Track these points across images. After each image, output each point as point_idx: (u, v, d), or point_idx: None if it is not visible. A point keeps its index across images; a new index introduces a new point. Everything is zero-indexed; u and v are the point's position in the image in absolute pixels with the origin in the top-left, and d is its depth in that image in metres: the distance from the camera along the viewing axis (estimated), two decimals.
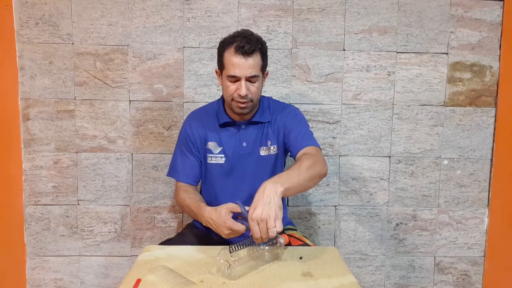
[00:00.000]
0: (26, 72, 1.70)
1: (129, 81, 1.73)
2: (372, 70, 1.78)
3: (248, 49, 1.21)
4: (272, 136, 1.37)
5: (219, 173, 1.37)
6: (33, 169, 1.74)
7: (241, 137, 1.36)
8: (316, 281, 0.97)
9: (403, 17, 1.76)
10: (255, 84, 1.27)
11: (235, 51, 1.21)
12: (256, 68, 1.24)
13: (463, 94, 1.82)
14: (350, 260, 1.86)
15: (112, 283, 1.81)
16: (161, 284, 0.94)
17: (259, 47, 1.25)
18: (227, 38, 1.27)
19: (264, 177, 1.36)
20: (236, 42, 1.23)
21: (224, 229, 1.12)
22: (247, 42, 1.22)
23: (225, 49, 1.25)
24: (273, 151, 1.38)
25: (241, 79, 1.23)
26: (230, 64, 1.23)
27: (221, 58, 1.27)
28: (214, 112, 1.39)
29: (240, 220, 1.12)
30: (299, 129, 1.35)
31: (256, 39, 1.25)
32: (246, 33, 1.26)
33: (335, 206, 1.84)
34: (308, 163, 1.16)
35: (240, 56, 1.21)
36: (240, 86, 1.24)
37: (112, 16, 1.70)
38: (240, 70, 1.22)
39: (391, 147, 1.82)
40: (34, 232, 1.77)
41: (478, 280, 1.91)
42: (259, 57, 1.25)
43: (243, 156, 1.35)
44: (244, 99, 1.25)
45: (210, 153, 1.37)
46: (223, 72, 1.27)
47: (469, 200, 1.87)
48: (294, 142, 1.33)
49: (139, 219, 1.80)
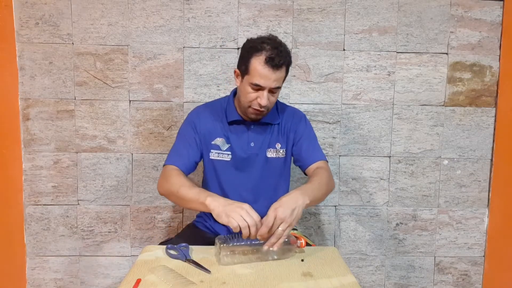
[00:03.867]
0: (26, 72, 1.70)
1: (129, 81, 1.73)
2: (372, 70, 1.78)
3: (278, 62, 1.18)
4: (282, 139, 1.37)
5: (225, 169, 1.35)
6: (33, 169, 1.74)
7: (249, 137, 1.35)
8: (316, 281, 0.97)
9: (403, 17, 1.76)
10: (276, 94, 1.27)
11: (265, 61, 1.18)
12: (281, 81, 1.24)
13: (463, 94, 1.82)
14: (350, 260, 1.87)
15: (112, 283, 1.81)
16: (161, 284, 0.94)
17: (287, 61, 1.23)
18: (255, 43, 1.22)
19: (270, 180, 1.37)
20: (265, 51, 1.19)
21: (240, 209, 1.04)
22: (277, 54, 1.19)
23: (253, 55, 1.21)
24: (282, 154, 1.37)
25: (264, 89, 1.22)
26: (257, 73, 1.20)
27: (246, 62, 1.22)
28: (223, 109, 1.37)
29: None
30: (309, 141, 1.38)
31: (286, 52, 1.23)
32: (276, 43, 1.22)
33: (335, 206, 1.84)
34: (326, 179, 1.25)
35: (269, 68, 1.19)
36: (262, 95, 1.23)
37: (112, 16, 1.70)
38: (266, 81, 1.20)
39: (391, 147, 1.82)
40: (34, 232, 1.77)
41: (478, 280, 1.91)
42: (285, 69, 1.24)
43: (250, 156, 1.34)
44: (263, 108, 1.25)
45: (217, 149, 1.34)
46: (246, 77, 1.24)
47: (469, 200, 1.87)
48: (305, 154, 1.36)
49: (139, 219, 1.80)
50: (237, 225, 1.02)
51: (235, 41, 1.73)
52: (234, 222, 1.02)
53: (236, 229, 1.02)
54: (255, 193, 1.35)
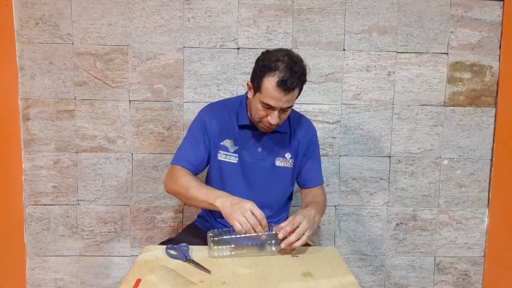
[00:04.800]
0: (26, 72, 1.70)
1: (129, 81, 1.73)
2: (372, 70, 1.78)
3: (291, 84, 1.15)
4: (291, 149, 1.37)
5: (231, 172, 1.34)
6: (33, 169, 1.74)
7: (257, 142, 1.34)
8: (316, 281, 0.97)
9: (403, 17, 1.76)
10: (287, 112, 1.25)
11: (277, 84, 1.15)
12: (293, 101, 1.22)
13: (463, 94, 1.82)
14: (350, 260, 1.87)
15: (112, 283, 1.81)
16: (161, 284, 0.94)
17: (301, 82, 1.20)
18: (270, 61, 1.17)
19: (277, 189, 1.37)
20: (279, 71, 1.15)
21: (243, 210, 1.07)
22: (291, 76, 1.15)
23: (266, 74, 1.17)
24: (290, 164, 1.37)
25: (276, 109, 1.21)
26: (268, 94, 1.17)
27: (259, 81, 1.19)
28: (235, 111, 1.35)
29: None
30: (314, 160, 1.42)
31: (301, 73, 1.18)
32: (291, 62, 1.17)
33: (335, 206, 1.84)
34: (324, 204, 1.36)
35: (281, 90, 1.15)
36: (272, 115, 1.21)
37: (112, 16, 1.70)
38: (277, 103, 1.18)
39: (391, 147, 1.82)
40: (34, 232, 1.77)
41: (478, 280, 1.91)
42: (298, 89, 1.21)
43: (257, 161, 1.33)
44: (272, 126, 1.25)
45: (225, 150, 1.33)
46: (258, 94, 1.21)
47: (469, 200, 1.87)
48: (308, 174, 1.41)
49: (139, 219, 1.80)
50: (241, 228, 1.06)
51: (235, 41, 1.73)
52: (238, 226, 1.06)
53: (241, 231, 1.07)
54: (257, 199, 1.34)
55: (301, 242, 1.09)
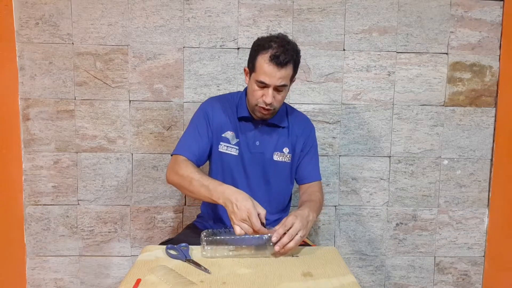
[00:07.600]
0: (26, 72, 1.70)
1: (129, 81, 1.73)
2: (372, 70, 1.78)
3: (283, 60, 1.18)
4: (289, 144, 1.38)
5: (232, 164, 1.35)
6: (33, 169, 1.74)
7: (256, 135, 1.35)
8: (316, 281, 0.97)
9: (403, 17, 1.76)
10: (282, 93, 1.26)
11: (269, 59, 1.19)
12: (286, 79, 1.23)
13: (463, 94, 1.82)
14: (350, 260, 1.87)
15: (112, 283, 1.81)
16: (161, 284, 0.94)
17: (294, 58, 1.22)
18: (263, 41, 1.23)
19: (276, 183, 1.37)
20: (272, 48, 1.19)
21: (243, 211, 1.07)
22: (283, 51, 1.19)
23: (259, 52, 1.22)
24: (288, 159, 1.38)
25: (270, 86, 1.22)
26: (262, 71, 1.21)
27: (253, 60, 1.24)
28: (235, 103, 1.37)
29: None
30: (312, 157, 1.42)
31: (292, 49, 1.22)
32: (283, 41, 1.22)
33: (335, 206, 1.84)
34: (322, 201, 1.36)
35: (273, 65, 1.19)
36: (267, 93, 1.23)
37: (112, 16, 1.70)
38: (271, 79, 1.21)
39: (391, 147, 1.82)
40: (34, 232, 1.77)
41: (478, 280, 1.91)
42: (292, 67, 1.23)
43: (255, 155, 1.34)
44: (268, 107, 1.25)
45: (226, 142, 1.34)
46: (253, 74, 1.25)
47: (469, 200, 1.87)
48: (306, 170, 1.40)
49: (139, 219, 1.80)
50: (240, 232, 1.07)
51: (235, 41, 1.73)
52: (238, 230, 1.07)
53: (240, 235, 1.08)
54: (257, 193, 1.35)
55: (294, 243, 1.08)
